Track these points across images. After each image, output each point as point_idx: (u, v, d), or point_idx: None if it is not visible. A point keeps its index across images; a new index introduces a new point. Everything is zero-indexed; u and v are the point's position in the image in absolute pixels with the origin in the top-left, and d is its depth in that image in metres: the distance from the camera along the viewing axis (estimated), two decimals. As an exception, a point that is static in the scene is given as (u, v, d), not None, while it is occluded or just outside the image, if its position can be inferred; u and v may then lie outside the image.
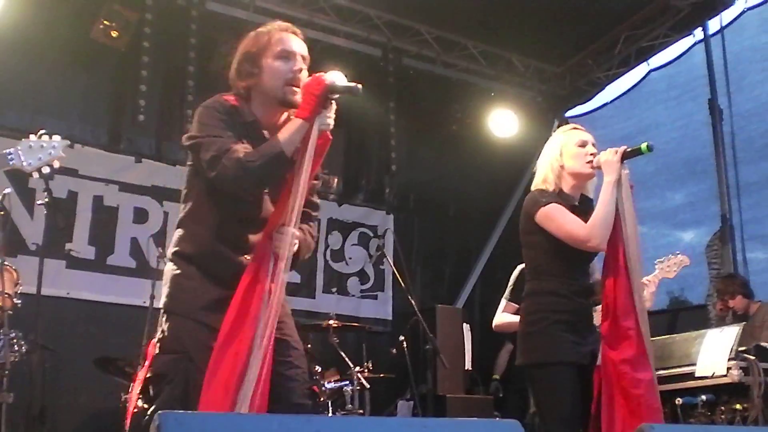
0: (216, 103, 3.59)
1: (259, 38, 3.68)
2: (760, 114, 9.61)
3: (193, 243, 3.59)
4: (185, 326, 3.44)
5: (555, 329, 4.41)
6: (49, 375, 7.20)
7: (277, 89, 3.58)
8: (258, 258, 3.43)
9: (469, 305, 11.20)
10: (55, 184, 7.75)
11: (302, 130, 3.43)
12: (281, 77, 3.58)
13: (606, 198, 4.39)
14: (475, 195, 11.72)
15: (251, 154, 3.39)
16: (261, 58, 3.63)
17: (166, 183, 9.35)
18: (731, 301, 8.16)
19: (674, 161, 10.54)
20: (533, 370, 4.52)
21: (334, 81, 3.46)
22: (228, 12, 9.39)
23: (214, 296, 3.46)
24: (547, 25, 10.05)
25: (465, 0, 9.55)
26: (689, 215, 10.39)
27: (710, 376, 6.11)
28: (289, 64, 3.61)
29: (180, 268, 3.56)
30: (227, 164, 3.35)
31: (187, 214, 3.68)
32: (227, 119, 3.52)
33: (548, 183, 4.66)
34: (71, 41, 8.80)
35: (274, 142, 3.43)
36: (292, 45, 3.66)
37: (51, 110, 8.85)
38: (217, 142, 3.41)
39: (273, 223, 3.46)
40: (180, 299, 3.51)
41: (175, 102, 9.45)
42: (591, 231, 4.36)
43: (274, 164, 3.40)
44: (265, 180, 3.46)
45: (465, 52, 10.67)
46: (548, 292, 4.52)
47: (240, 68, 3.68)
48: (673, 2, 9.74)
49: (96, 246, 8.83)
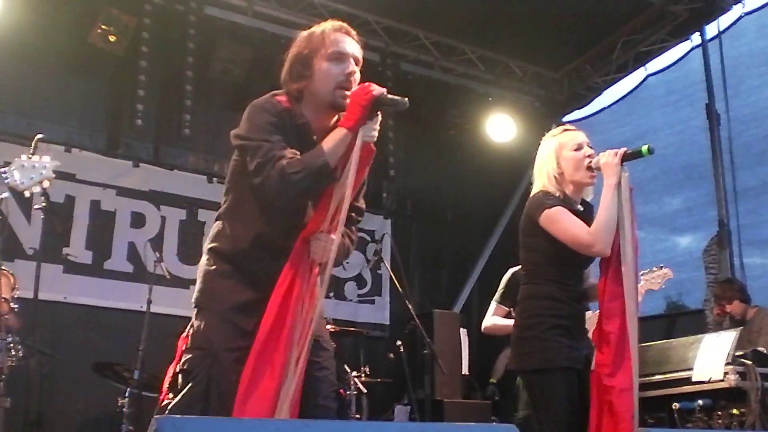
0: (268, 104, 3.52)
1: (311, 39, 3.62)
2: (758, 119, 9.63)
3: (231, 241, 3.53)
4: (214, 323, 3.42)
5: (551, 334, 4.36)
6: (47, 380, 7.19)
7: (327, 93, 3.51)
8: (294, 262, 3.38)
9: (466, 310, 11.20)
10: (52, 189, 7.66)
11: (346, 140, 3.36)
12: (332, 80, 3.51)
13: (607, 202, 4.34)
14: (473, 200, 11.73)
15: (295, 164, 3.30)
16: (313, 59, 3.56)
17: (164, 188, 9.36)
18: (728, 306, 8.16)
19: (672, 166, 10.55)
20: (529, 376, 4.48)
21: (382, 92, 3.38)
22: (226, 17, 9.40)
23: (247, 298, 3.43)
24: (545, 31, 10.07)
25: (463, 5, 9.55)
26: (687, 220, 10.40)
27: (707, 381, 6.11)
28: (341, 66, 3.53)
29: (215, 265, 3.52)
30: (272, 174, 3.28)
31: (227, 209, 3.61)
32: (277, 121, 3.45)
33: (551, 188, 4.60)
34: (69, 46, 8.81)
35: (318, 153, 3.35)
36: (345, 46, 3.59)
37: (49, 115, 8.84)
38: (264, 148, 3.34)
39: (311, 229, 3.42)
40: (212, 296, 3.48)
41: (173, 107, 9.44)
42: (595, 236, 4.31)
43: (318, 176, 3.32)
44: (308, 192, 3.38)
45: (463, 57, 10.68)
46: (545, 297, 4.47)
47: (292, 70, 3.63)
48: (671, 8, 9.77)
49: (93, 251, 8.82)
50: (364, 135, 3.36)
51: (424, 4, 9.57)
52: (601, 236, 4.29)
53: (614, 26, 10.32)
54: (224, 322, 3.40)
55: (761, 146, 9.61)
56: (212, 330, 3.40)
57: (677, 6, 9.72)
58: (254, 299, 3.40)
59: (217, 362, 3.32)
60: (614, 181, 4.37)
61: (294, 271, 3.36)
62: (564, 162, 4.61)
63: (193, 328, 3.46)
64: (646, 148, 4.41)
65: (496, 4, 9.54)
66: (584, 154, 4.60)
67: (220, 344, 3.35)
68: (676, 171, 10.54)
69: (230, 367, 3.31)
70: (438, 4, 9.61)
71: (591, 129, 11.56)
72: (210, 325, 3.42)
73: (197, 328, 3.44)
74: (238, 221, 3.54)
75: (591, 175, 4.56)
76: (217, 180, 9.72)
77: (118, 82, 9.31)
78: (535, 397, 4.51)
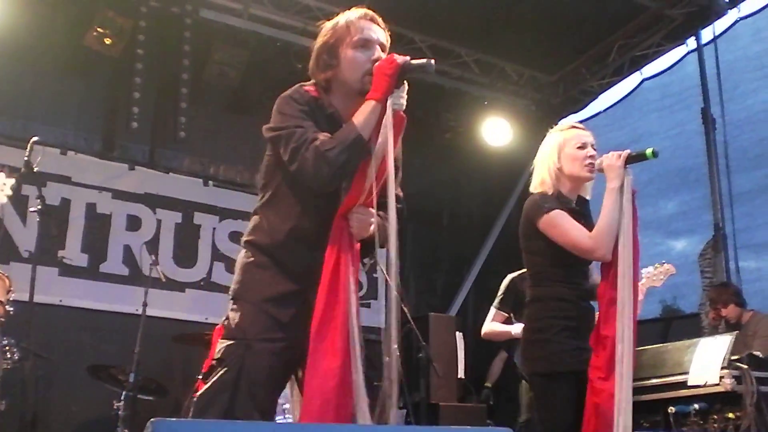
0: (296, 94, 3.52)
1: (336, 28, 3.62)
2: (753, 123, 9.65)
3: (268, 234, 3.52)
4: (250, 313, 3.40)
5: (562, 336, 4.36)
6: (42, 382, 7.19)
7: (356, 81, 3.51)
8: (335, 239, 3.38)
9: (462, 313, 11.20)
10: (48, 191, 7.73)
11: (376, 112, 3.36)
12: (360, 68, 3.50)
13: (609, 206, 4.32)
14: (469, 203, 11.74)
15: (328, 141, 3.31)
16: (339, 48, 3.56)
17: (160, 191, 9.36)
18: (724, 309, 8.16)
19: (667, 170, 10.56)
20: (538, 379, 4.48)
21: (407, 59, 3.40)
22: (222, 20, 9.39)
23: (284, 289, 3.43)
24: (541, 34, 10.08)
25: (459, 8, 9.55)
26: (682, 224, 10.42)
27: (703, 385, 6.10)
28: (368, 53, 3.53)
29: (253, 257, 3.51)
30: (307, 156, 3.28)
31: (264, 203, 3.59)
32: (307, 110, 3.45)
33: (546, 185, 4.60)
34: (65, 48, 8.81)
35: (350, 127, 3.35)
36: (371, 33, 3.60)
37: (44, 117, 8.84)
38: (298, 133, 3.34)
39: (348, 204, 3.41)
40: (250, 287, 3.46)
41: (168, 109, 9.44)
42: (597, 242, 4.30)
43: (353, 149, 3.32)
44: (346, 167, 3.35)
45: (458, 60, 10.68)
46: (555, 298, 4.47)
47: (318, 60, 3.62)
48: (667, 12, 9.78)
49: (89, 253, 8.82)
50: (394, 104, 3.38)
51: (419, 7, 9.57)
52: (603, 241, 4.29)
53: (610, 30, 10.33)
54: (260, 313, 3.39)
55: (756, 150, 9.63)
56: (247, 320, 3.38)
57: (673, 10, 9.73)
58: (291, 291, 3.42)
59: (250, 352, 3.31)
60: (617, 185, 4.36)
61: (338, 248, 3.36)
62: (564, 158, 4.62)
63: (228, 320, 3.44)
64: (650, 151, 4.40)
65: (491, 7, 9.55)
66: (587, 153, 4.61)
67: (254, 334, 3.34)
68: (671, 175, 10.56)
69: (263, 358, 3.31)
70: (434, 8, 9.62)
71: (586, 133, 11.58)
72: (245, 315, 3.40)
73: (233, 319, 3.42)
74: (275, 214, 3.54)
75: (590, 171, 4.56)
76: (213, 183, 9.74)
77: (113, 85, 9.30)
78: (542, 399, 4.52)
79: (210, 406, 3.25)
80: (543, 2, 9.47)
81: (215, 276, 9.49)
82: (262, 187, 3.65)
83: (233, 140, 9.92)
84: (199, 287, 9.39)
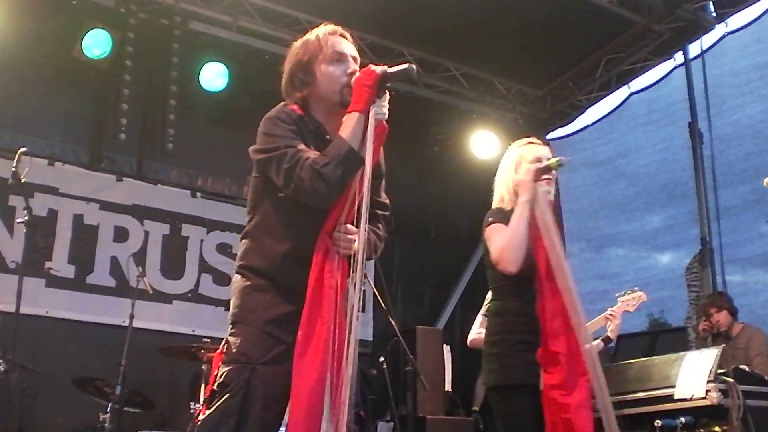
0: (282, 114, 3.52)
1: (308, 45, 3.63)
2: (740, 137, 9.67)
3: (263, 256, 3.51)
4: (251, 336, 3.37)
5: (516, 350, 4.38)
6: (27, 394, 7.16)
7: (335, 93, 3.52)
8: (320, 258, 3.37)
9: (449, 327, 11.20)
10: (35, 203, 7.74)
11: (361, 123, 3.37)
12: (337, 82, 3.52)
13: (515, 220, 4.38)
14: (456, 217, 11.74)
15: (321, 158, 3.32)
16: (314, 65, 3.58)
17: (147, 202, 9.35)
18: (716, 314, 8.16)
19: (654, 184, 10.58)
20: (493, 393, 4.52)
21: (384, 69, 3.42)
22: (210, 31, 9.41)
23: (284, 311, 3.41)
24: (529, 48, 10.11)
25: (447, 22, 9.57)
26: (669, 238, 10.43)
27: (689, 399, 6.10)
28: (343, 66, 3.56)
29: (250, 280, 3.49)
30: (303, 175, 3.28)
31: (255, 226, 3.58)
32: (295, 128, 3.46)
33: (505, 202, 4.69)
34: (53, 59, 8.81)
35: (340, 141, 3.36)
36: (343, 47, 3.62)
37: (32, 128, 8.82)
38: (289, 153, 3.34)
39: (332, 220, 3.42)
40: (250, 310, 3.43)
41: (156, 121, 9.44)
42: (500, 254, 4.39)
43: (347, 162, 3.33)
44: (342, 181, 3.35)
45: (447, 74, 10.71)
46: (510, 312, 4.52)
47: (293, 78, 3.63)
48: (655, 27, 9.83)
49: (76, 265, 8.79)
50: (377, 113, 3.40)
51: (408, 20, 9.60)
52: (505, 254, 4.36)
53: (598, 45, 10.37)
54: (262, 335, 3.37)
55: (743, 165, 9.65)
56: (249, 344, 3.36)
57: (660, 25, 9.78)
58: (291, 312, 3.38)
59: (255, 375, 3.29)
60: (525, 198, 4.40)
61: (322, 265, 3.35)
62: (521, 171, 4.65)
63: (229, 343, 3.41)
64: (555, 161, 4.46)
65: (480, 21, 9.57)
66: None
67: (258, 358, 3.32)
68: (658, 189, 10.58)
69: (269, 380, 3.30)
70: (422, 21, 9.64)
71: (574, 147, 11.61)
72: (247, 339, 3.38)
73: (233, 344, 3.39)
74: (268, 237, 3.53)
75: (547, 184, 4.58)
76: (200, 195, 9.73)
77: (102, 96, 9.28)
78: (499, 413, 4.54)
79: (216, 430, 3.23)
80: (531, 16, 9.50)
81: (203, 288, 9.48)
82: (250, 209, 3.64)
83: (221, 152, 9.91)
84: (187, 299, 9.37)
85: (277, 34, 9.53)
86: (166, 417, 8.24)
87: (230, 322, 3.49)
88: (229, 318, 3.52)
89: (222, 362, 3.40)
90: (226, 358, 3.40)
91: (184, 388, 8.20)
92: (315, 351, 3.23)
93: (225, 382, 3.31)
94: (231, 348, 3.39)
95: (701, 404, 6.01)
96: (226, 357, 3.40)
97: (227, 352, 3.40)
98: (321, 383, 3.19)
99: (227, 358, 3.39)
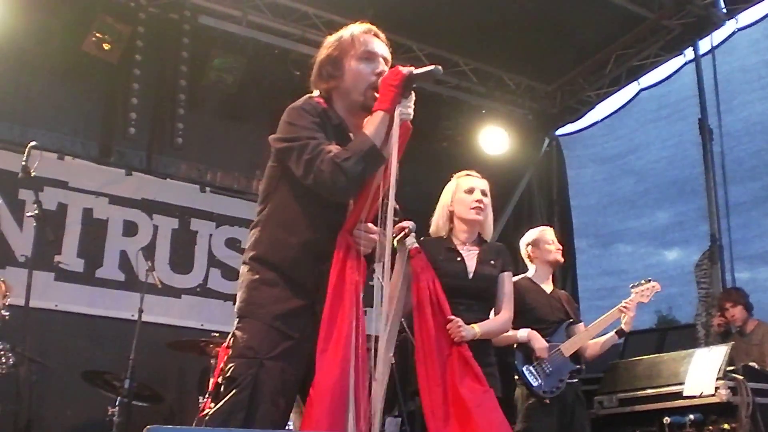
0: (307, 105, 3.52)
1: (341, 41, 3.65)
2: (750, 134, 9.64)
3: (274, 248, 3.48)
4: (259, 331, 3.35)
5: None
6: (37, 387, 7.16)
7: (359, 93, 3.55)
8: (342, 255, 3.38)
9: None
10: (44, 196, 7.75)
11: (385, 122, 3.39)
12: (364, 80, 3.56)
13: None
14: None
15: (343, 152, 3.31)
16: (344, 60, 3.61)
17: (156, 196, 9.35)
18: (732, 309, 8.14)
19: (664, 181, 10.56)
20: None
21: (411, 70, 3.44)
22: (220, 26, 9.39)
23: (293, 305, 3.40)
24: (539, 44, 10.09)
25: (457, 17, 9.56)
26: (678, 235, 10.40)
27: (698, 396, 6.11)
28: (372, 65, 3.59)
29: (258, 274, 3.46)
30: (323, 167, 3.28)
31: (268, 216, 3.56)
32: (319, 121, 3.46)
33: (439, 228, 5.24)
34: (63, 53, 8.81)
35: (363, 138, 3.38)
36: (374, 46, 3.66)
37: (42, 122, 8.84)
38: (311, 145, 3.34)
39: (354, 217, 3.43)
40: (258, 305, 3.41)
41: (166, 115, 9.45)
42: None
43: (369, 159, 3.33)
44: (362, 177, 3.35)
45: (456, 69, 10.69)
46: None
47: (321, 71, 3.65)
48: (665, 22, 9.79)
49: (85, 259, 8.80)
50: (402, 114, 3.41)
51: (418, 15, 9.58)
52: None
53: (607, 40, 10.34)
54: (270, 330, 3.35)
55: (753, 161, 9.62)
56: (257, 338, 3.34)
57: (671, 21, 9.75)
58: (300, 306, 3.40)
59: (264, 370, 3.28)
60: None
61: (343, 262, 3.37)
62: (456, 200, 5.20)
63: (236, 337, 3.39)
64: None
65: (489, 16, 9.55)
66: (474, 198, 5.22)
67: (266, 353, 3.31)
68: (667, 185, 10.55)
69: (277, 375, 3.29)
70: (432, 17, 9.62)
71: (583, 142, 11.60)
72: (255, 333, 3.36)
73: (240, 338, 3.38)
74: (280, 227, 3.51)
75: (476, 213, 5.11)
76: (209, 189, 9.73)
77: (111, 90, 9.29)
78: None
79: (225, 426, 3.20)
80: (541, 12, 9.48)
81: (211, 282, 9.48)
82: (263, 198, 3.62)
83: (230, 147, 9.92)
84: (195, 293, 9.37)
85: (287, 28, 9.52)
86: (174, 411, 8.25)
87: (237, 316, 3.47)
88: (236, 311, 3.50)
89: (229, 356, 3.38)
90: (233, 352, 3.38)
91: (193, 382, 8.21)
92: (336, 347, 3.23)
93: (233, 376, 3.29)
94: (238, 342, 3.38)
95: (710, 401, 6.02)
96: (234, 351, 3.38)
97: (234, 347, 3.38)
98: (344, 379, 3.19)
99: (234, 352, 3.37)
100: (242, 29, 9.41)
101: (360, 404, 3.21)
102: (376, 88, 3.49)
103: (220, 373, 3.37)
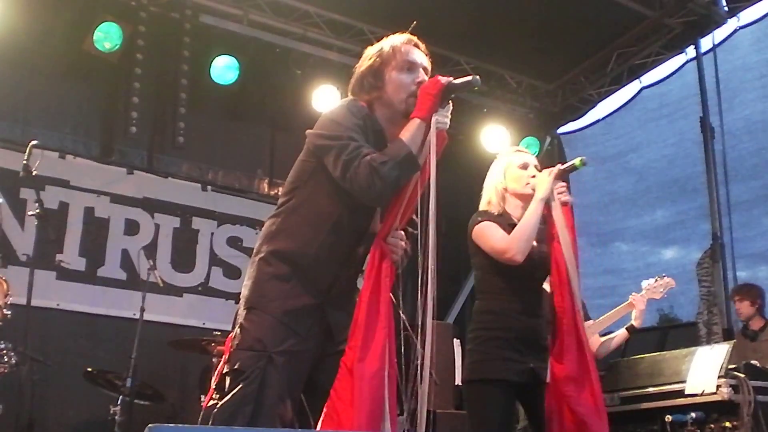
0: (353, 107, 3.53)
1: (382, 52, 3.69)
2: (752, 132, 9.65)
3: (295, 243, 3.48)
4: (268, 325, 3.34)
5: (488, 347, 4.54)
6: (38, 387, 7.17)
7: (400, 101, 3.57)
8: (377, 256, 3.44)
9: (459, 321, 11.17)
10: (46, 195, 7.76)
11: (422, 130, 3.43)
12: (405, 89, 3.58)
13: (530, 213, 4.55)
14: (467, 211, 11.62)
15: (380, 156, 3.33)
16: (385, 70, 3.63)
17: (158, 195, 9.37)
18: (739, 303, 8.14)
19: (665, 179, 10.56)
20: (465, 387, 4.74)
21: (450, 80, 3.50)
22: (221, 25, 9.38)
23: (303, 303, 3.40)
24: (540, 42, 10.08)
25: (458, 16, 9.54)
26: (679, 233, 10.40)
27: (700, 394, 6.10)
28: (413, 75, 3.63)
29: (273, 266, 3.45)
30: (360, 170, 3.29)
31: (293, 209, 3.55)
32: (362, 124, 3.47)
33: (492, 205, 4.92)
34: (64, 52, 8.82)
35: (400, 144, 3.40)
36: (415, 56, 3.72)
37: (43, 121, 8.85)
38: (351, 146, 3.34)
39: (388, 225, 3.46)
40: (268, 298, 3.40)
41: (167, 114, 9.44)
42: (509, 243, 4.50)
43: (405, 165, 3.35)
44: (397, 182, 3.38)
45: (457, 67, 10.67)
46: (486, 311, 4.69)
47: (363, 81, 3.66)
48: (666, 21, 9.78)
49: (86, 257, 8.81)
50: (438, 123, 3.44)
51: (418, 15, 9.55)
52: (515, 244, 4.49)
53: (609, 39, 10.33)
54: (280, 325, 3.35)
55: (754, 160, 9.63)
56: (267, 332, 3.34)
57: (672, 19, 9.74)
58: (311, 304, 3.41)
59: (272, 365, 3.27)
60: (541, 195, 4.57)
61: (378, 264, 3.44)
62: (509, 176, 4.93)
63: (243, 328, 3.38)
64: (579, 161, 4.66)
65: (491, 15, 9.54)
66: (529, 174, 4.88)
67: (275, 347, 3.30)
68: (669, 184, 10.55)
69: (285, 370, 3.29)
70: (433, 15, 9.60)
71: (585, 141, 11.59)
72: (265, 327, 3.35)
73: (249, 329, 3.37)
74: (306, 224, 3.50)
75: (532, 188, 4.77)
76: (211, 188, 9.74)
77: (112, 89, 9.29)
78: (468, 407, 4.77)
79: (233, 419, 3.20)
80: (542, 10, 9.46)
81: (213, 281, 9.49)
82: (289, 190, 3.59)
83: (232, 145, 9.93)
84: (197, 292, 9.38)
85: (288, 27, 9.51)
86: (176, 410, 8.26)
87: (245, 306, 3.45)
88: (243, 302, 3.48)
89: (236, 347, 3.37)
90: (241, 343, 3.36)
91: (195, 381, 8.21)
92: (374, 355, 3.32)
93: (241, 369, 3.29)
94: (247, 332, 3.37)
95: (712, 399, 6.01)
96: (242, 342, 3.36)
97: (243, 338, 3.37)
98: (381, 387, 3.28)
99: (243, 344, 3.36)
100: (243, 28, 9.40)
101: (393, 411, 3.30)
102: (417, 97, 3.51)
103: (226, 364, 3.37)
